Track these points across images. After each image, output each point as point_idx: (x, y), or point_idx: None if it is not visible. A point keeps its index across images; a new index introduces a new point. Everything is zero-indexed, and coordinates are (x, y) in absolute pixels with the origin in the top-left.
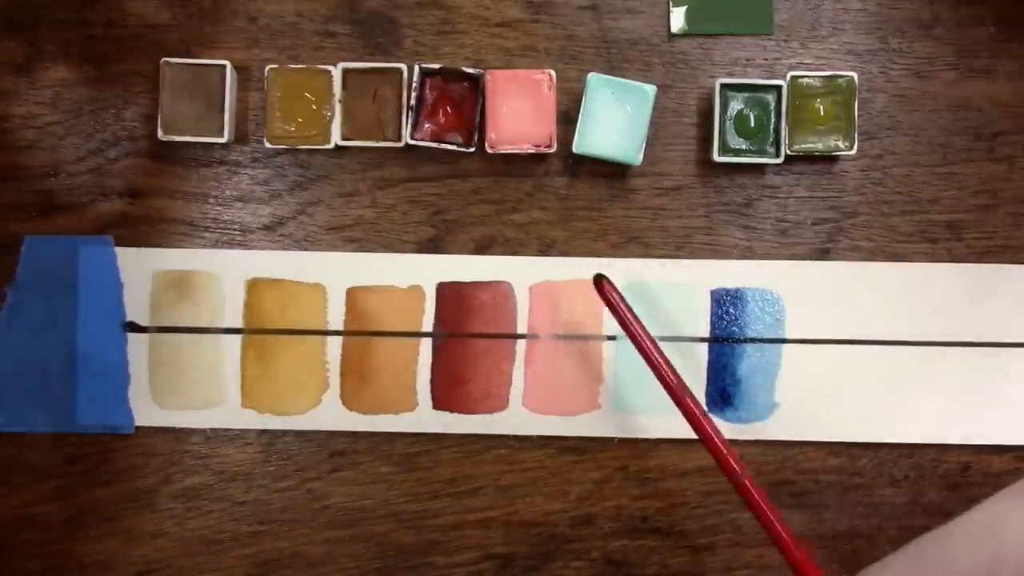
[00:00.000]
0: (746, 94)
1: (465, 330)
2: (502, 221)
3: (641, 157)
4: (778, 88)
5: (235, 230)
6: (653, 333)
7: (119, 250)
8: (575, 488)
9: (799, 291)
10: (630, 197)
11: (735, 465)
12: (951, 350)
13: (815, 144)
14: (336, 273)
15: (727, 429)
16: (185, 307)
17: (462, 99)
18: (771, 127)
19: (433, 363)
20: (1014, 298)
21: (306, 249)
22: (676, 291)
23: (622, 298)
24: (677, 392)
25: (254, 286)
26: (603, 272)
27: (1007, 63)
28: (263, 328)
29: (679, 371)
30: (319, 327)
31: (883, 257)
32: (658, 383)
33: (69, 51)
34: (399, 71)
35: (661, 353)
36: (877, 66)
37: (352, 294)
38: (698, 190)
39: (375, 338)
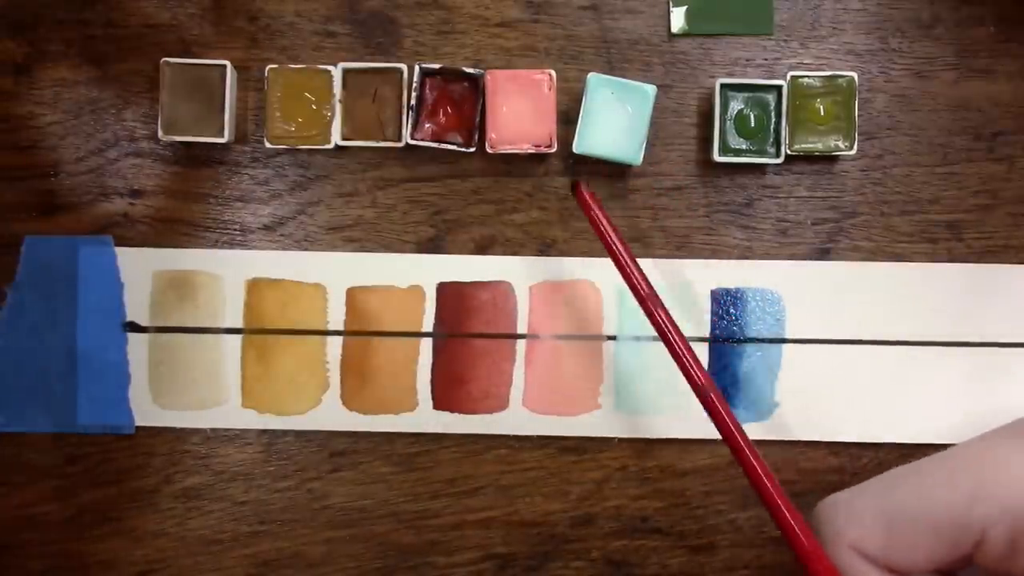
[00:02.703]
0: (746, 94)
1: (465, 330)
2: (502, 221)
3: (641, 157)
4: (778, 88)
5: (235, 230)
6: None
7: (119, 250)
8: (575, 488)
9: (799, 291)
10: (630, 197)
11: (699, 375)
12: (951, 350)
13: (815, 144)
14: (336, 273)
15: None
16: (185, 307)
17: (462, 99)
18: (771, 127)
19: (433, 363)
20: (1014, 298)
21: (306, 249)
22: (676, 291)
23: (600, 205)
24: (648, 302)
25: (254, 286)
26: (580, 183)
27: (1007, 63)
28: (263, 328)
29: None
30: (319, 327)
31: (883, 257)
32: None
33: (69, 51)
34: (399, 71)
35: (635, 262)
36: (877, 66)
37: (352, 294)
38: (698, 190)
39: (375, 338)
